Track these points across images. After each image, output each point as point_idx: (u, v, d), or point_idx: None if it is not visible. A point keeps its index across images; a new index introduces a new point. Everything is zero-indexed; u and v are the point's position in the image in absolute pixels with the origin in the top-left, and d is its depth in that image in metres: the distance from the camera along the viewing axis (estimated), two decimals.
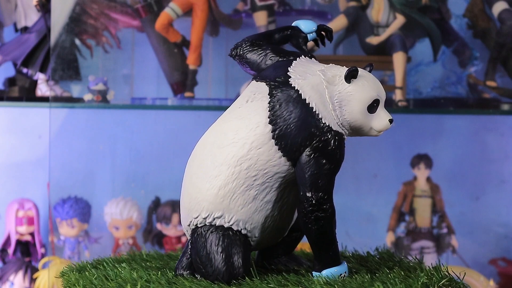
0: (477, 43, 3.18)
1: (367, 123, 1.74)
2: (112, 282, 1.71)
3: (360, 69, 1.76)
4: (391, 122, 1.75)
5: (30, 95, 3.17)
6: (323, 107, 1.72)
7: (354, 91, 1.73)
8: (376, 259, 1.97)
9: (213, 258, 1.73)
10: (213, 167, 1.74)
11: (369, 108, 1.73)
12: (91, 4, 3.08)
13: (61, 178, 3.21)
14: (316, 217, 1.70)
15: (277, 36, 1.88)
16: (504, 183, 3.36)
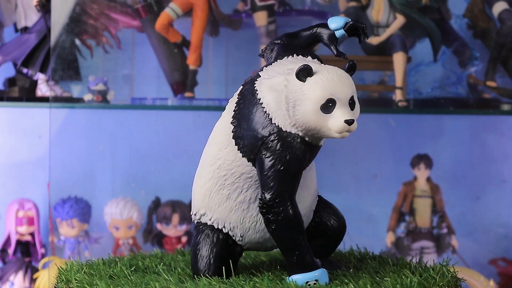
0: (477, 43, 3.18)
1: (322, 124, 1.65)
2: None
3: (321, 66, 1.70)
4: (349, 124, 1.65)
5: (30, 95, 3.17)
6: (277, 107, 1.67)
7: (307, 90, 1.65)
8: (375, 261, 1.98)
9: (191, 253, 1.78)
10: (200, 166, 1.79)
11: (322, 108, 1.64)
12: (91, 4, 3.08)
13: (61, 178, 3.21)
14: (267, 220, 1.67)
15: (305, 34, 1.81)
16: (504, 183, 3.36)
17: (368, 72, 3.28)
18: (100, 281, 1.72)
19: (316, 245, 1.80)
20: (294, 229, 1.67)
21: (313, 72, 1.66)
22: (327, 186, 2.17)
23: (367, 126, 3.37)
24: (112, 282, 1.72)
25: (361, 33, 1.77)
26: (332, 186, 3.24)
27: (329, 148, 3.27)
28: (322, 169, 1.88)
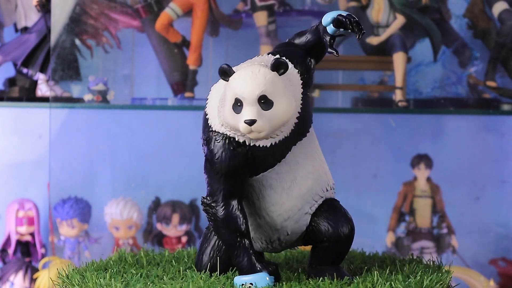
0: (477, 43, 3.18)
1: (236, 124, 1.62)
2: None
3: (242, 65, 1.66)
4: (250, 124, 1.60)
5: (30, 95, 3.17)
6: (213, 107, 1.67)
7: (226, 90, 1.64)
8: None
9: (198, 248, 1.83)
10: None
11: (234, 107, 1.62)
12: (91, 4, 3.08)
13: (61, 178, 3.21)
14: (207, 218, 1.70)
15: (308, 32, 1.78)
16: (504, 183, 3.36)
17: (368, 72, 3.28)
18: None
19: (318, 251, 1.76)
20: (229, 230, 1.67)
21: (233, 72, 1.64)
22: None
23: (367, 126, 3.37)
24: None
25: (350, 26, 1.69)
26: None
27: (329, 148, 3.28)
28: None
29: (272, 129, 1.61)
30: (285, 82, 1.64)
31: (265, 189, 1.71)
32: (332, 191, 1.79)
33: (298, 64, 1.70)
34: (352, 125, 3.36)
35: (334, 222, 1.73)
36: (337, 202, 1.79)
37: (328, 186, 1.77)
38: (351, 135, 3.35)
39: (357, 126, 3.36)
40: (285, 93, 1.62)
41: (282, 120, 1.62)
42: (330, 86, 3.18)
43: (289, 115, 1.63)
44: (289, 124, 1.66)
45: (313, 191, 1.74)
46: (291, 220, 1.73)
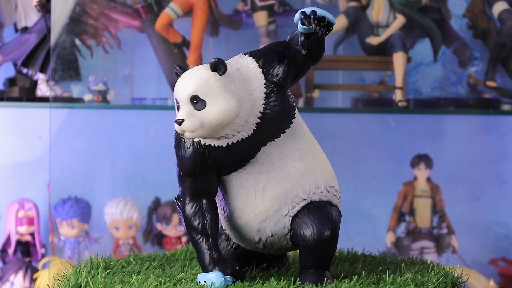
0: (477, 43, 3.18)
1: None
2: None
3: (193, 67, 1.68)
4: (179, 124, 1.61)
5: (30, 95, 3.17)
6: None
7: None
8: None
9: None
10: None
11: (176, 107, 1.66)
12: (91, 4, 3.08)
13: (61, 178, 3.21)
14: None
15: (295, 31, 1.76)
16: (504, 183, 3.36)
17: (368, 72, 3.28)
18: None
19: (300, 254, 1.74)
20: (190, 228, 1.70)
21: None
22: None
23: (367, 126, 3.37)
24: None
25: (311, 24, 1.64)
26: None
27: (329, 148, 3.28)
28: None
29: (207, 129, 1.62)
30: (226, 83, 1.63)
31: (237, 189, 1.72)
32: (328, 194, 1.73)
33: (266, 64, 1.68)
34: (352, 125, 3.36)
35: (312, 226, 1.69)
36: (323, 205, 1.71)
37: (319, 188, 1.72)
38: (351, 135, 3.35)
39: (357, 126, 3.36)
40: (222, 93, 1.62)
41: (218, 120, 1.62)
42: (330, 86, 3.18)
43: (224, 116, 1.62)
44: (248, 124, 1.65)
45: (292, 193, 1.70)
46: (270, 222, 1.72)
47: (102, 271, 1.78)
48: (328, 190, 1.73)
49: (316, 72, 3.07)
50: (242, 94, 1.64)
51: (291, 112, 1.70)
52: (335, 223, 1.70)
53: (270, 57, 1.68)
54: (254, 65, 1.68)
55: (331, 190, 1.74)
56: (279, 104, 1.67)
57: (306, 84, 3.05)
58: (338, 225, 1.71)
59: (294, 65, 1.69)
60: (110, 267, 1.85)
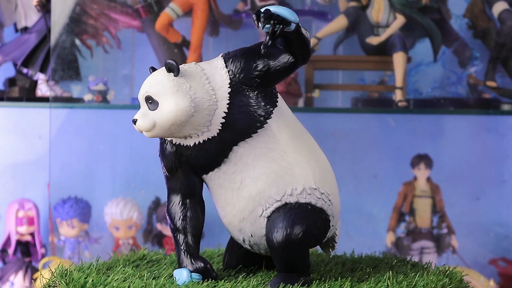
0: (477, 43, 3.18)
1: None
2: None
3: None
4: (134, 123, 1.70)
5: (30, 95, 3.17)
6: None
7: None
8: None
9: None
10: None
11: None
12: (91, 4, 3.08)
13: (61, 178, 3.21)
14: None
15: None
16: (504, 183, 3.36)
17: (368, 72, 3.28)
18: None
19: (272, 256, 1.75)
20: (170, 225, 1.75)
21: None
22: None
23: (367, 126, 3.37)
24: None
25: (260, 23, 1.61)
26: None
27: (329, 148, 3.28)
28: None
29: (160, 128, 1.66)
30: (180, 83, 1.65)
31: (217, 188, 1.73)
32: (308, 196, 1.69)
33: (234, 64, 1.68)
34: (352, 125, 3.36)
35: (279, 228, 1.67)
36: (299, 207, 1.68)
37: (296, 190, 1.68)
38: (351, 135, 3.35)
39: (357, 126, 3.36)
40: (173, 94, 1.64)
41: (169, 120, 1.64)
42: (330, 86, 3.18)
43: (174, 116, 1.64)
44: (213, 124, 1.66)
45: (265, 194, 1.69)
46: (247, 222, 1.72)
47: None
48: (308, 192, 1.69)
49: (316, 72, 3.07)
50: (200, 94, 1.65)
51: (262, 112, 1.68)
52: (308, 226, 1.66)
53: (239, 57, 1.68)
54: (221, 65, 1.69)
55: (314, 192, 1.69)
56: (246, 104, 1.67)
57: (306, 84, 3.05)
58: (313, 228, 1.67)
59: (268, 65, 1.67)
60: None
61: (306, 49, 1.68)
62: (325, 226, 1.70)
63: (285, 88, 2.98)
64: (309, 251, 1.71)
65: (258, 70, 1.67)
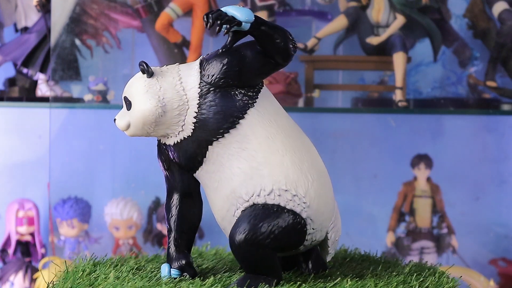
0: (477, 43, 3.18)
1: None
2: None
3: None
4: (114, 122, 1.76)
5: (30, 95, 3.17)
6: None
7: None
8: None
9: None
10: None
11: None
12: (91, 4, 3.08)
13: (61, 178, 3.21)
14: None
15: None
16: (504, 183, 3.36)
17: (368, 72, 3.28)
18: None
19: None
20: (167, 224, 1.79)
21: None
22: None
23: (367, 126, 3.37)
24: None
25: (206, 22, 1.70)
26: (332, 186, 3.24)
27: (329, 148, 3.28)
28: None
29: (135, 127, 1.72)
30: (151, 84, 1.70)
31: (204, 186, 1.77)
32: (278, 197, 1.68)
33: (206, 65, 1.70)
34: (352, 125, 3.36)
35: (236, 228, 1.68)
36: (263, 208, 1.68)
37: (265, 191, 1.68)
38: (351, 135, 3.35)
39: (357, 126, 3.36)
40: (143, 94, 1.70)
41: (140, 119, 1.70)
42: (330, 86, 3.18)
43: (142, 115, 1.69)
44: (187, 124, 1.70)
45: (236, 194, 1.70)
46: (226, 221, 1.74)
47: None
48: (278, 194, 1.68)
49: (316, 72, 3.07)
50: (169, 95, 1.69)
51: (234, 112, 1.69)
52: (271, 227, 1.66)
53: (213, 59, 1.70)
54: (197, 67, 1.71)
55: (284, 194, 1.68)
56: (216, 104, 1.69)
57: (306, 84, 3.05)
58: (276, 230, 1.66)
59: (241, 66, 1.68)
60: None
61: (278, 48, 1.68)
62: (295, 229, 1.68)
63: (285, 88, 2.98)
64: (275, 253, 1.68)
65: (229, 71, 1.68)
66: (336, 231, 1.78)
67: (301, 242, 1.71)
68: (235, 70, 1.68)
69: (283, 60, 1.69)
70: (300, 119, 1.78)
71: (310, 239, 1.72)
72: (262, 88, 1.73)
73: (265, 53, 1.68)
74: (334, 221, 1.76)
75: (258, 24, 1.66)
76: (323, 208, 1.71)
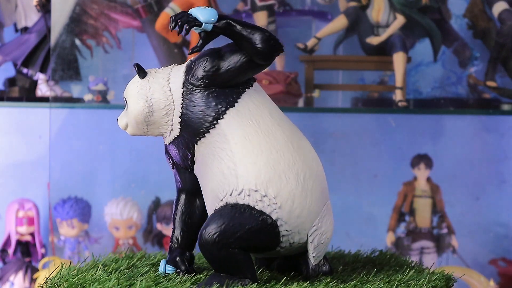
0: (477, 43, 3.18)
1: None
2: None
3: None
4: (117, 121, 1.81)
5: (30, 95, 3.17)
6: None
7: None
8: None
9: None
10: None
11: None
12: (91, 4, 3.08)
13: (61, 178, 3.21)
14: None
15: None
16: (504, 183, 3.36)
17: (368, 72, 3.28)
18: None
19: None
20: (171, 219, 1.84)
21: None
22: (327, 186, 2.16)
23: (367, 126, 3.37)
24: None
25: (171, 24, 1.71)
26: (332, 186, 3.23)
27: (329, 148, 3.28)
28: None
29: (131, 127, 1.77)
30: (142, 85, 1.75)
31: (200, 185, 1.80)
32: (248, 198, 1.67)
33: (191, 65, 1.73)
34: (352, 125, 3.36)
35: (203, 226, 1.68)
36: (232, 208, 1.67)
37: (236, 191, 1.67)
38: (351, 135, 3.35)
39: (357, 126, 3.36)
40: (134, 95, 1.75)
41: (132, 119, 1.75)
42: (330, 86, 3.18)
43: (133, 115, 1.74)
44: (175, 124, 1.73)
45: (214, 193, 1.71)
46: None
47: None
48: (247, 194, 1.67)
49: (316, 72, 3.07)
50: (157, 95, 1.73)
51: (212, 113, 1.70)
52: (235, 227, 1.65)
53: (196, 59, 1.73)
54: (183, 68, 1.75)
55: (253, 194, 1.66)
56: (197, 105, 1.71)
57: (306, 84, 3.05)
58: (241, 230, 1.65)
59: (217, 65, 1.69)
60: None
61: (252, 49, 1.68)
62: (263, 229, 1.66)
63: (285, 88, 2.98)
64: (241, 253, 1.67)
65: (206, 71, 1.70)
66: (320, 234, 1.72)
67: (276, 243, 1.69)
68: (213, 71, 1.70)
69: (261, 60, 1.69)
70: (300, 119, 1.78)
71: (287, 241, 1.68)
72: (249, 88, 1.73)
73: (245, 52, 1.69)
74: (318, 224, 1.71)
75: (224, 24, 1.68)
76: (299, 210, 1.68)
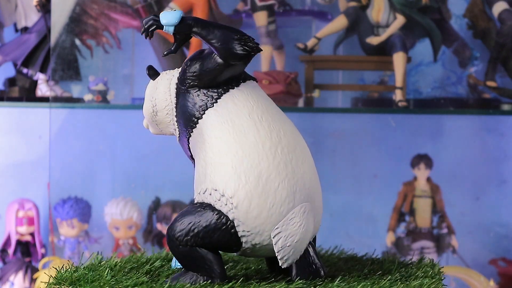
0: (477, 43, 3.18)
1: None
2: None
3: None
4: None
5: (30, 95, 3.17)
6: None
7: None
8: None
9: None
10: None
11: None
12: (91, 4, 3.08)
13: (61, 178, 3.21)
14: None
15: None
16: (504, 183, 3.36)
17: (368, 72, 3.28)
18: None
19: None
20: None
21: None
22: (327, 186, 2.17)
23: (367, 126, 3.37)
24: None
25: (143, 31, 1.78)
26: (332, 186, 3.24)
27: (329, 148, 3.28)
28: (322, 169, 1.86)
29: (150, 126, 1.84)
30: (152, 86, 1.82)
31: None
32: (209, 197, 1.68)
33: (183, 68, 1.76)
34: (352, 125, 3.36)
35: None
36: (194, 207, 1.70)
37: (203, 190, 1.70)
38: (351, 135, 3.35)
39: (357, 126, 3.36)
40: (147, 95, 1.82)
41: (146, 117, 1.83)
42: (330, 86, 3.18)
43: (145, 115, 1.83)
44: (175, 124, 1.78)
45: (195, 191, 1.74)
46: None
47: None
48: (210, 193, 1.68)
49: (316, 72, 3.08)
50: (160, 96, 1.79)
51: (195, 112, 1.72)
52: (192, 225, 1.67)
53: (185, 60, 1.77)
54: (180, 69, 1.80)
55: (214, 194, 1.67)
56: (182, 105, 1.75)
57: (306, 84, 3.05)
58: (197, 228, 1.67)
59: (199, 67, 1.73)
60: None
61: (217, 49, 1.70)
62: (219, 229, 1.67)
63: (285, 88, 2.98)
64: (205, 251, 1.68)
65: (190, 72, 1.74)
66: (285, 237, 1.68)
67: (237, 243, 1.68)
68: (193, 72, 1.73)
69: (231, 60, 1.70)
70: (300, 119, 1.78)
71: (248, 242, 1.68)
72: (233, 88, 1.73)
73: (219, 53, 1.71)
74: (282, 226, 1.68)
75: (185, 27, 1.77)
76: (257, 211, 1.66)
